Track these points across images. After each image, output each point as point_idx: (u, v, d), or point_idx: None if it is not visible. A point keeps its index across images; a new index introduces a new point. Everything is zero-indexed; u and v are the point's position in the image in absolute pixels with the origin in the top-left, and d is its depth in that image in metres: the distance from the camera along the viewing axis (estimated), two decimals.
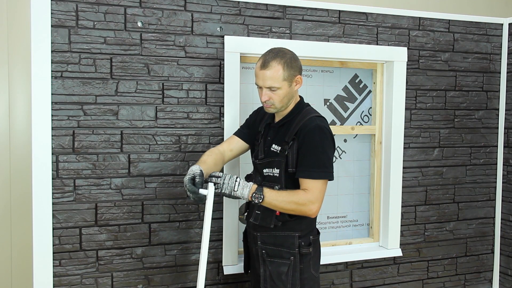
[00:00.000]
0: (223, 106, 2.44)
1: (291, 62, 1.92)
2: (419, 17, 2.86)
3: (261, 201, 1.85)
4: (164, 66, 2.34)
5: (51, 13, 2.15)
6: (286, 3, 2.54)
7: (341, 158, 2.83)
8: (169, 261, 2.41)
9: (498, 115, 3.11)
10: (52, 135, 2.19)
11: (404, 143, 2.86)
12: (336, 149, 2.80)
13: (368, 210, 2.93)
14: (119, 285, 2.33)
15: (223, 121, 2.45)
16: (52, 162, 2.19)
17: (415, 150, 2.91)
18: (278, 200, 1.87)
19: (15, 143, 2.49)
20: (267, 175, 1.99)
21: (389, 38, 2.79)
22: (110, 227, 2.30)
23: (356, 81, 2.85)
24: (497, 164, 3.12)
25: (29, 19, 2.27)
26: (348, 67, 2.80)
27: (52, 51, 2.16)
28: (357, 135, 2.87)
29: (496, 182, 3.13)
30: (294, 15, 2.58)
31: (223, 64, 2.43)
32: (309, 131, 1.88)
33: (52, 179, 2.19)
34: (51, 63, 2.16)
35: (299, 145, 1.89)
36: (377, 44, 2.76)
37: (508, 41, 3.05)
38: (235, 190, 1.86)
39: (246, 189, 1.87)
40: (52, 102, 2.18)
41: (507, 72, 3.06)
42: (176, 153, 2.39)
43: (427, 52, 2.89)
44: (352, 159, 2.86)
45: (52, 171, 2.19)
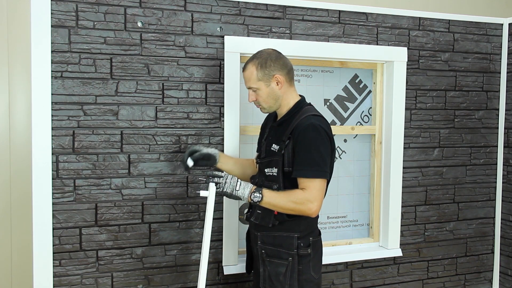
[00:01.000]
0: (223, 106, 2.44)
1: (266, 62, 1.94)
2: (419, 17, 2.86)
3: (260, 200, 1.87)
4: (164, 66, 2.34)
5: (51, 13, 2.15)
6: (286, 3, 2.54)
7: (341, 158, 2.83)
8: (169, 261, 2.41)
9: (498, 115, 3.11)
10: (52, 135, 2.19)
11: (404, 143, 2.86)
12: (336, 149, 2.80)
13: (368, 210, 2.93)
14: (119, 285, 2.33)
15: (223, 121, 2.45)
16: (52, 162, 2.19)
17: (415, 150, 2.91)
18: (276, 200, 1.87)
19: (15, 143, 2.49)
20: (268, 175, 2.00)
21: (389, 38, 2.79)
22: (110, 227, 2.30)
23: (356, 81, 2.85)
24: (497, 164, 3.12)
25: (29, 19, 2.27)
26: (348, 67, 2.80)
27: (52, 51, 2.16)
28: (357, 135, 2.87)
29: (496, 182, 3.13)
30: (294, 15, 2.58)
31: (223, 64, 2.43)
32: (303, 129, 1.88)
33: (52, 179, 2.19)
34: (51, 63, 2.16)
35: (294, 144, 1.89)
36: (377, 44, 2.76)
37: (508, 41, 3.05)
38: (236, 189, 1.90)
39: (247, 189, 1.90)
40: (52, 102, 2.18)
41: (507, 72, 3.06)
42: (176, 153, 2.39)
43: (427, 52, 2.89)
44: (352, 159, 2.86)
45: (52, 171, 2.19)
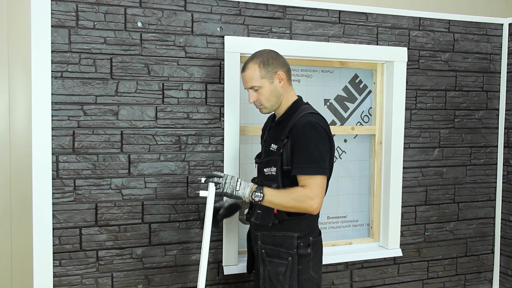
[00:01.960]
0: (223, 106, 2.44)
1: (267, 60, 1.97)
2: (419, 17, 2.86)
3: (261, 199, 1.87)
4: (164, 66, 2.34)
5: (51, 13, 2.15)
6: (286, 3, 2.54)
7: (341, 158, 2.83)
8: (169, 261, 2.40)
9: (498, 115, 3.11)
10: (52, 135, 2.19)
11: (404, 143, 2.86)
12: (336, 149, 2.80)
13: (368, 210, 2.93)
14: (119, 285, 2.33)
15: (223, 121, 2.45)
16: (52, 162, 2.19)
17: (415, 150, 2.91)
18: (278, 198, 1.87)
19: (15, 143, 2.49)
20: (267, 174, 2.00)
21: (389, 38, 2.79)
22: (110, 227, 2.30)
23: (356, 81, 2.85)
24: (497, 164, 3.12)
25: (29, 19, 2.27)
26: (348, 67, 2.80)
27: (52, 51, 2.16)
28: (357, 135, 2.87)
29: (496, 182, 3.13)
30: (294, 15, 2.58)
31: (223, 64, 2.43)
32: (301, 127, 1.88)
33: (52, 179, 2.19)
34: (51, 63, 2.16)
35: (292, 142, 1.90)
36: (377, 44, 2.76)
37: (508, 41, 3.05)
38: (236, 189, 1.90)
39: (247, 188, 1.89)
40: (52, 102, 2.18)
41: (507, 72, 3.06)
42: (176, 153, 2.39)
43: (427, 52, 2.89)
44: (352, 159, 2.86)
45: (52, 171, 2.19)
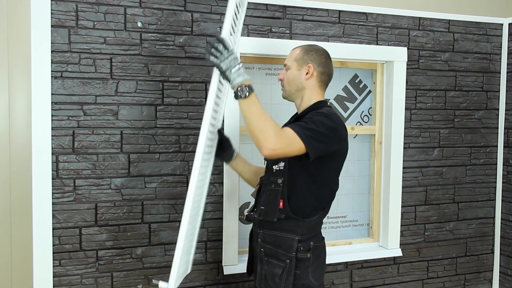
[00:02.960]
0: None
1: (311, 51, 1.95)
2: (419, 17, 2.86)
3: (243, 96, 1.70)
4: (164, 66, 2.34)
5: (51, 13, 2.15)
6: (286, 3, 2.54)
7: None
8: (169, 261, 2.40)
9: (498, 115, 3.11)
10: (52, 135, 2.19)
11: (404, 143, 2.86)
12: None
13: (368, 210, 2.93)
14: (119, 285, 2.33)
15: (223, 121, 2.45)
16: (52, 162, 2.19)
17: (415, 150, 2.91)
18: (258, 110, 1.71)
19: (15, 143, 2.49)
20: (275, 170, 1.95)
21: (389, 38, 2.79)
22: (110, 227, 2.30)
23: (356, 81, 2.85)
24: (497, 164, 3.12)
25: (29, 19, 2.27)
26: (348, 67, 2.80)
27: (52, 51, 2.16)
28: (357, 135, 2.87)
29: (496, 182, 3.13)
30: (294, 15, 2.58)
31: None
32: (312, 113, 1.84)
33: (52, 179, 2.19)
34: (51, 63, 2.17)
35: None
36: (377, 44, 2.76)
37: (508, 41, 3.05)
38: (232, 70, 1.70)
39: (240, 77, 1.70)
40: (52, 102, 2.18)
41: (507, 72, 3.06)
42: (176, 153, 2.39)
43: (427, 52, 2.89)
44: (352, 159, 2.86)
45: (52, 171, 2.19)
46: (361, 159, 2.89)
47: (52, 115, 2.18)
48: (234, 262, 2.50)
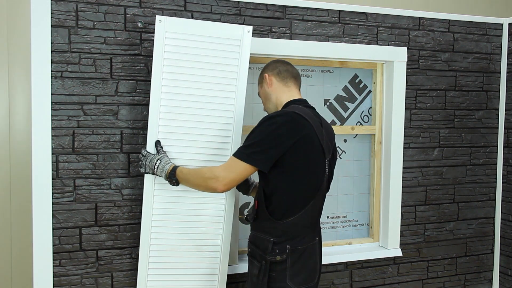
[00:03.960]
0: None
1: (263, 68, 2.07)
2: (419, 17, 2.86)
3: (175, 182, 1.95)
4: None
5: (51, 13, 2.15)
6: (286, 3, 2.54)
7: (341, 158, 2.83)
8: None
9: (498, 115, 3.11)
10: (52, 135, 2.19)
11: (404, 143, 2.86)
12: (337, 148, 2.80)
13: (368, 210, 2.93)
14: (119, 285, 2.33)
15: None
16: (52, 162, 2.19)
17: (415, 150, 2.91)
18: (190, 175, 1.89)
19: (15, 143, 2.49)
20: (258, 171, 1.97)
21: (389, 38, 2.80)
22: (110, 227, 2.30)
23: (356, 81, 2.85)
24: (497, 164, 3.12)
25: (29, 19, 2.27)
26: (348, 67, 2.80)
27: (52, 51, 2.16)
28: (357, 135, 2.87)
29: (496, 182, 3.13)
30: (294, 15, 2.58)
31: None
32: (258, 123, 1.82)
33: (52, 179, 2.19)
34: (51, 63, 2.16)
35: None
36: (377, 44, 2.76)
37: (508, 41, 3.05)
38: (156, 172, 1.98)
39: (163, 172, 1.96)
40: (52, 102, 2.18)
41: (507, 72, 3.06)
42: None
43: (427, 52, 2.89)
44: (352, 159, 2.86)
45: (52, 171, 2.19)
46: (361, 159, 2.89)
47: (52, 115, 2.18)
48: (234, 262, 2.49)
